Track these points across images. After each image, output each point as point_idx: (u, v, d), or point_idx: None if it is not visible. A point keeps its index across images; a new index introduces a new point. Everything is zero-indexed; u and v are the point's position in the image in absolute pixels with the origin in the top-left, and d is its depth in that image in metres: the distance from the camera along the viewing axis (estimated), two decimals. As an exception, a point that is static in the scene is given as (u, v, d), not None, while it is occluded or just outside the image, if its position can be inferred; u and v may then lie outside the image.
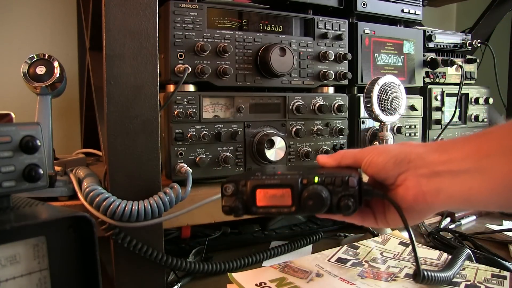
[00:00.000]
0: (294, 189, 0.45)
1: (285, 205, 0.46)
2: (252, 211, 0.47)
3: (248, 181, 0.47)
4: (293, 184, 0.45)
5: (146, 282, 0.64)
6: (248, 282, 0.65)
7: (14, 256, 0.40)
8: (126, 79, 0.60)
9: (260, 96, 0.82)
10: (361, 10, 0.97)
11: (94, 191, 0.59)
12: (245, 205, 0.47)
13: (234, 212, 0.47)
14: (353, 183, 0.45)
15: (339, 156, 0.52)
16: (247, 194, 0.46)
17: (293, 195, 0.45)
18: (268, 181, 0.46)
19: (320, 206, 0.45)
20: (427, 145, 0.49)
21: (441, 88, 1.13)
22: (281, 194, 0.46)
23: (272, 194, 0.46)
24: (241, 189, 0.47)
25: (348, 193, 0.45)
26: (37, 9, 1.25)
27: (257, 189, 0.46)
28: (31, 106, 0.69)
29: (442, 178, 0.44)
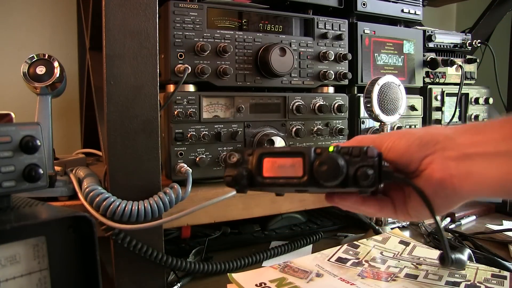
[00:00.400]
0: (306, 158, 0.40)
1: (296, 176, 0.40)
2: (257, 181, 0.41)
3: (255, 150, 0.42)
4: (305, 153, 0.40)
5: (146, 282, 0.64)
6: (248, 282, 0.65)
7: (14, 256, 0.40)
8: (126, 79, 0.60)
9: (260, 96, 0.82)
10: (361, 10, 0.97)
11: (94, 191, 0.59)
12: (250, 175, 0.42)
13: (236, 182, 0.42)
14: (373, 153, 0.40)
15: (355, 142, 0.48)
16: (253, 163, 0.42)
17: (305, 164, 0.40)
18: (277, 149, 0.42)
19: (335, 173, 0.39)
20: (456, 127, 0.44)
21: (441, 88, 1.13)
22: (291, 164, 0.41)
23: (281, 163, 0.41)
24: (246, 158, 0.42)
25: (366, 163, 0.40)
26: (37, 9, 1.25)
27: (265, 157, 0.41)
28: (31, 106, 0.69)
29: (474, 161, 0.39)
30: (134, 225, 0.59)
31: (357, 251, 0.76)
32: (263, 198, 0.78)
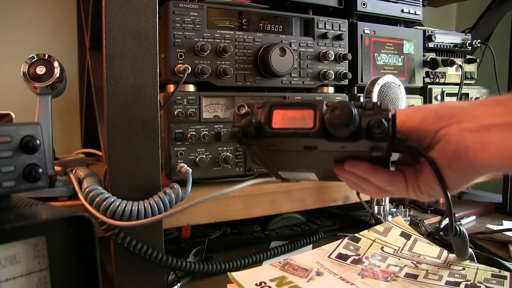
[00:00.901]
0: (317, 110, 0.38)
1: (306, 127, 0.39)
2: (265, 131, 0.40)
3: (265, 102, 0.41)
4: (317, 105, 0.39)
5: (146, 282, 0.64)
6: (248, 281, 0.65)
7: (14, 256, 0.40)
8: (126, 79, 0.60)
9: (260, 96, 0.82)
10: (361, 10, 0.97)
11: (94, 191, 0.59)
12: (258, 125, 0.40)
13: (244, 132, 0.40)
14: (387, 107, 0.38)
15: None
16: (262, 114, 0.40)
17: (316, 116, 0.39)
18: (288, 101, 0.40)
19: (348, 118, 0.37)
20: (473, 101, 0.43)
21: (441, 88, 1.13)
22: (302, 116, 0.39)
23: (291, 115, 0.39)
24: (256, 110, 0.40)
25: (379, 116, 0.38)
26: (37, 9, 1.25)
27: (275, 109, 0.40)
28: (31, 106, 0.69)
29: (492, 132, 0.38)
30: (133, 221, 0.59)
31: (358, 245, 0.76)
32: (263, 198, 0.78)
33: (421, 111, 0.42)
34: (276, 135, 0.40)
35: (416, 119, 0.42)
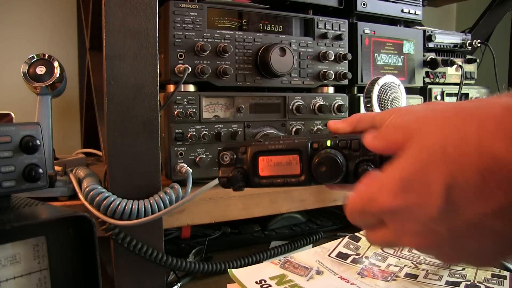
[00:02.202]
0: (303, 154, 0.39)
1: (293, 174, 0.39)
2: (254, 182, 0.40)
3: (248, 147, 0.40)
4: (302, 149, 0.39)
5: (146, 282, 0.64)
6: (248, 279, 0.65)
7: (14, 256, 0.40)
8: (126, 79, 0.60)
9: (260, 96, 0.82)
10: (361, 10, 0.97)
11: (94, 190, 0.59)
12: (246, 176, 0.40)
13: (233, 184, 0.41)
14: None
15: (354, 120, 0.45)
16: (247, 162, 0.40)
17: (302, 162, 0.39)
18: (272, 146, 0.40)
19: (335, 173, 0.37)
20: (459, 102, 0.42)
21: (441, 88, 1.13)
22: (288, 162, 0.39)
23: (277, 161, 0.39)
24: (240, 156, 0.41)
25: (367, 158, 0.38)
26: (37, 9, 1.25)
27: (260, 156, 0.40)
28: (31, 106, 0.69)
29: None
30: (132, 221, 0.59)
31: (358, 245, 0.76)
32: (263, 198, 0.78)
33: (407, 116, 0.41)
34: (265, 184, 0.40)
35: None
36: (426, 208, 0.30)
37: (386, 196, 0.32)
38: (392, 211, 0.32)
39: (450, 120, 0.31)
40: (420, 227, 0.32)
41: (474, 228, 0.30)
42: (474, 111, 0.30)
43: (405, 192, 0.31)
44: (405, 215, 0.32)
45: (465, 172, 0.29)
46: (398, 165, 0.33)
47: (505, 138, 0.27)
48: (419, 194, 0.31)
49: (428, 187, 0.30)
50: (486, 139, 0.28)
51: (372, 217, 0.34)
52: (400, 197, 0.32)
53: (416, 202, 0.31)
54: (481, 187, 0.28)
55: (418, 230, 0.32)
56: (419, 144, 0.32)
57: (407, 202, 0.31)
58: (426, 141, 0.31)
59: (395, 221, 0.33)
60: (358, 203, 0.35)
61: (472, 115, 0.30)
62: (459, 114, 0.31)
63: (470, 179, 0.28)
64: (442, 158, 0.30)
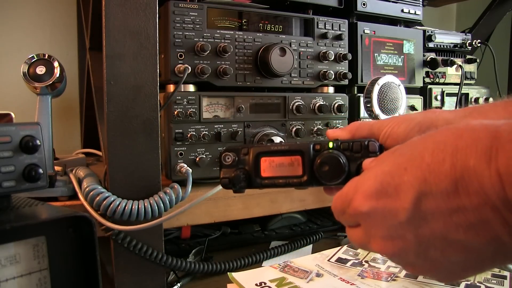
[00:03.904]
0: (305, 155, 0.39)
1: (295, 175, 0.39)
2: (256, 183, 0.40)
3: (251, 148, 0.40)
4: (304, 150, 0.39)
5: (146, 282, 0.64)
6: (248, 282, 0.65)
7: (14, 256, 0.40)
8: (126, 79, 0.60)
9: (260, 96, 0.82)
10: (361, 10, 0.97)
11: (94, 190, 0.59)
12: (247, 176, 0.40)
13: (234, 184, 0.41)
14: (374, 148, 0.39)
15: (353, 128, 0.46)
16: (249, 163, 0.40)
17: (304, 162, 0.39)
18: (274, 147, 0.40)
19: (338, 173, 0.38)
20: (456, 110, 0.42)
21: (441, 88, 1.13)
22: (290, 163, 0.39)
23: (279, 162, 0.39)
24: (242, 158, 0.41)
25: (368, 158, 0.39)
26: (37, 9, 1.25)
27: (262, 157, 0.40)
28: (31, 106, 0.69)
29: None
30: (133, 226, 0.59)
31: (357, 252, 0.76)
32: (263, 198, 0.78)
33: (405, 124, 0.42)
34: (267, 185, 0.40)
35: (401, 131, 0.42)
36: (395, 212, 0.31)
37: (360, 198, 0.33)
38: (364, 213, 0.33)
39: (432, 134, 0.32)
40: (389, 232, 0.32)
41: (441, 239, 0.30)
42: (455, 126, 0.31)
43: (378, 195, 0.32)
44: (375, 219, 0.32)
45: (438, 178, 0.29)
46: (376, 168, 0.33)
47: (480, 151, 0.27)
48: (391, 197, 0.31)
49: (400, 191, 0.30)
50: (461, 149, 0.28)
51: (350, 217, 0.35)
52: (372, 200, 0.32)
53: (387, 206, 0.31)
54: (452, 196, 0.28)
55: (387, 234, 0.32)
56: (400, 152, 0.33)
57: (379, 205, 0.32)
58: (406, 150, 0.32)
59: (367, 224, 0.33)
60: (338, 203, 0.36)
61: (450, 128, 0.31)
62: (440, 129, 0.31)
63: (442, 186, 0.28)
64: (418, 163, 0.30)
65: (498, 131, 0.27)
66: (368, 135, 0.45)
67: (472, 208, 0.27)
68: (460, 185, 0.28)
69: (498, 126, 0.28)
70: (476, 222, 0.28)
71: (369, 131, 0.44)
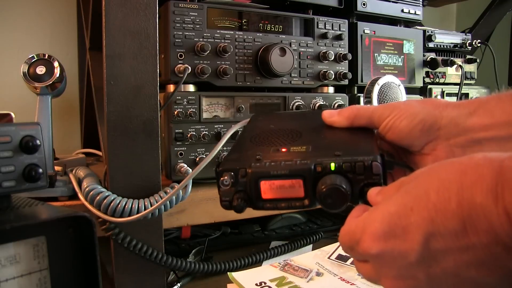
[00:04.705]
0: (306, 179, 0.38)
1: (297, 197, 0.38)
2: (258, 206, 0.39)
3: (248, 169, 0.39)
4: (305, 175, 0.38)
5: (146, 282, 0.64)
6: (248, 281, 0.65)
7: (14, 256, 0.40)
8: (126, 79, 0.60)
9: (260, 96, 0.82)
10: (361, 10, 0.97)
11: (94, 190, 0.59)
12: (248, 199, 0.39)
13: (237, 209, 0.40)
14: (378, 170, 0.37)
15: (351, 114, 0.44)
16: (249, 186, 0.39)
17: (306, 186, 0.38)
18: (273, 171, 0.38)
19: (341, 203, 0.37)
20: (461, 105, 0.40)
21: (441, 88, 1.13)
22: (291, 185, 0.38)
23: (279, 185, 0.38)
24: (241, 180, 0.40)
25: (371, 181, 0.37)
26: (37, 9, 1.25)
27: (261, 180, 0.39)
28: (31, 106, 0.69)
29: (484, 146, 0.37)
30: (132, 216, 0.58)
31: None
32: (263, 198, 0.78)
33: (407, 120, 0.41)
34: (269, 208, 0.39)
35: (404, 128, 0.41)
36: (405, 253, 0.30)
37: (368, 240, 0.32)
38: (373, 255, 0.32)
39: (436, 170, 0.31)
40: (399, 272, 0.32)
41: (453, 277, 0.29)
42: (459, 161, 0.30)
43: (386, 237, 0.31)
44: (385, 260, 0.32)
45: (445, 218, 0.28)
46: (383, 208, 0.33)
47: (486, 188, 0.27)
48: (399, 239, 0.31)
49: (408, 232, 0.30)
50: (467, 187, 0.28)
51: (359, 255, 0.35)
52: (381, 242, 0.32)
53: (396, 247, 0.31)
54: (461, 235, 0.28)
55: (397, 274, 0.32)
56: (405, 190, 0.32)
57: (388, 247, 0.31)
58: (411, 188, 0.32)
59: (377, 264, 0.33)
60: (346, 240, 0.35)
61: (454, 163, 0.30)
62: (445, 164, 0.31)
63: (449, 225, 0.28)
64: (424, 203, 0.30)
65: (502, 166, 0.27)
66: (368, 123, 0.43)
67: (482, 246, 0.27)
68: (468, 224, 0.27)
69: (502, 161, 0.27)
70: (488, 260, 0.27)
71: (369, 119, 0.43)
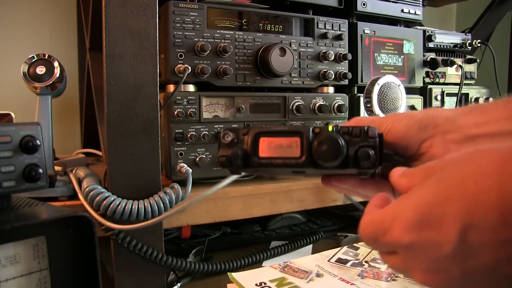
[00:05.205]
0: (304, 137, 0.38)
1: (293, 156, 0.39)
2: (253, 162, 0.40)
3: (251, 129, 0.40)
4: (303, 132, 0.38)
5: (146, 282, 0.64)
6: (248, 282, 0.65)
7: (14, 256, 0.40)
8: (126, 79, 0.60)
9: (260, 96, 0.82)
10: (361, 10, 0.97)
11: (94, 190, 0.59)
12: (245, 155, 0.40)
13: (231, 162, 0.40)
14: (374, 134, 0.38)
15: (354, 122, 0.46)
16: (248, 143, 0.40)
17: (303, 144, 0.39)
18: (273, 128, 0.40)
19: (336, 153, 0.37)
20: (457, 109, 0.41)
21: (441, 88, 1.13)
22: (289, 144, 0.39)
23: (278, 143, 0.39)
24: (241, 137, 0.41)
25: (367, 144, 0.38)
26: (37, 9, 1.25)
27: (261, 137, 0.40)
28: (31, 106, 0.69)
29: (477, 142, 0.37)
30: (132, 225, 0.59)
31: (357, 252, 0.76)
32: (263, 198, 0.78)
33: (405, 120, 0.42)
34: (263, 165, 0.40)
35: (401, 128, 0.41)
36: (439, 245, 0.29)
37: (399, 229, 0.31)
38: (404, 245, 0.31)
39: (473, 158, 0.30)
40: (431, 265, 0.30)
41: (490, 272, 0.28)
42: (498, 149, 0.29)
43: (419, 227, 0.30)
44: (417, 251, 0.31)
45: (484, 210, 0.27)
46: (415, 195, 0.31)
47: None
48: (434, 230, 0.29)
49: (443, 223, 0.29)
50: (508, 179, 0.26)
51: (385, 246, 0.33)
52: (413, 232, 0.30)
53: (430, 239, 0.29)
54: (501, 229, 0.26)
55: (429, 267, 0.31)
56: (439, 177, 0.31)
57: (420, 238, 0.30)
58: (446, 176, 0.30)
59: (407, 255, 0.32)
60: (371, 231, 0.33)
61: (492, 151, 0.29)
62: (482, 152, 0.30)
63: (489, 218, 0.27)
64: (461, 193, 0.28)
65: None
66: None
67: None
68: (510, 217, 0.26)
69: None
70: None
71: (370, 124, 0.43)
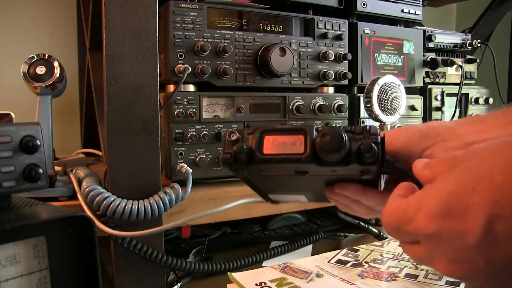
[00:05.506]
0: (307, 135, 0.39)
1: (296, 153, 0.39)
2: (256, 157, 0.40)
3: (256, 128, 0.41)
4: (307, 130, 0.39)
5: (146, 282, 0.64)
6: (248, 282, 0.65)
7: (14, 256, 0.40)
8: (126, 79, 0.60)
9: (260, 96, 0.82)
10: (361, 10, 0.97)
11: (94, 191, 0.59)
12: (249, 151, 0.40)
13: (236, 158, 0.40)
14: (376, 131, 0.39)
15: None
16: (253, 140, 0.41)
17: (306, 141, 0.39)
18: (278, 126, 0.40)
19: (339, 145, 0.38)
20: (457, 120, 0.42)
21: (441, 88, 1.13)
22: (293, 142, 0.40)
23: (282, 141, 0.40)
24: (246, 136, 0.41)
25: (369, 140, 0.38)
26: (37, 9, 1.25)
27: (266, 135, 0.40)
28: (31, 106, 0.69)
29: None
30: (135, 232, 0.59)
31: (357, 254, 0.77)
32: (263, 198, 0.78)
33: (406, 131, 0.42)
34: (267, 161, 0.40)
35: (402, 139, 0.42)
36: (464, 236, 0.29)
37: (423, 218, 0.31)
38: (428, 235, 0.31)
39: (500, 148, 0.30)
40: (455, 255, 0.30)
41: None
42: None
43: (444, 216, 0.30)
44: (441, 241, 0.30)
45: (511, 200, 0.27)
46: (440, 185, 0.31)
47: None
48: (459, 219, 0.29)
49: (469, 213, 0.28)
50: None
51: (407, 235, 0.33)
52: (438, 222, 0.30)
53: (454, 228, 0.29)
54: None
55: (453, 257, 0.30)
56: (465, 167, 0.30)
57: (445, 227, 0.30)
58: (472, 166, 0.30)
59: (430, 245, 0.31)
60: (394, 219, 0.33)
61: None
62: (509, 142, 0.29)
63: None
64: (488, 184, 0.28)
65: None
66: None
67: None
68: None
69: None
70: None
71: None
